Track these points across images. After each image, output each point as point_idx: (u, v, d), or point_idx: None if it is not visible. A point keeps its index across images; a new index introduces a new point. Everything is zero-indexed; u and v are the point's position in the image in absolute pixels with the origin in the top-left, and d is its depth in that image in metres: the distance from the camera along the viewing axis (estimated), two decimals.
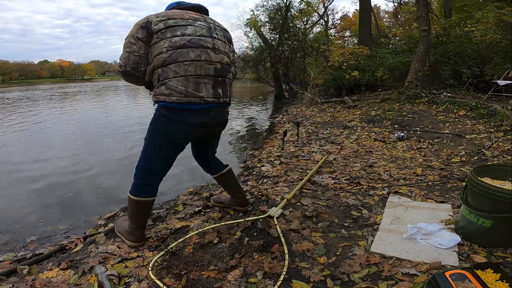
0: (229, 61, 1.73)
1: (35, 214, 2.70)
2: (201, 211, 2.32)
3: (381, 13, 25.34)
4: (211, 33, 1.63)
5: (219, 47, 1.65)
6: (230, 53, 1.76)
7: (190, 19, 1.61)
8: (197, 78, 1.54)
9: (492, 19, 8.02)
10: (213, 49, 1.61)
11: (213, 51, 1.61)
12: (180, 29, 1.53)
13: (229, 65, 1.73)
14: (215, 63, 1.62)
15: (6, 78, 55.18)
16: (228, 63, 1.71)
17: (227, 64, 1.70)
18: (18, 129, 7.00)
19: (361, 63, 9.28)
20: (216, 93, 1.62)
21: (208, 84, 1.59)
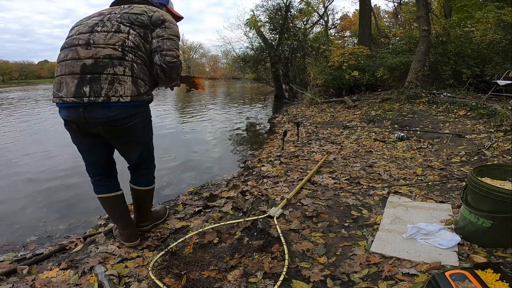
0: (116, 52, 1.47)
1: (35, 214, 2.69)
2: (201, 211, 2.32)
3: (381, 13, 25.35)
4: (94, 28, 1.51)
5: (97, 41, 1.47)
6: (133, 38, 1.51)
7: (89, 17, 1.61)
8: (60, 78, 1.49)
9: (492, 19, 8.01)
10: (85, 45, 1.48)
11: (84, 47, 1.47)
12: (68, 34, 1.58)
13: (115, 57, 1.47)
14: (84, 59, 1.46)
15: (6, 78, 55.18)
16: (110, 55, 1.46)
17: (109, 56, 1.46)
18: (22, 128, 7.00)
19: (361, 63, 9.28)
20: (79, 92, 1.43)
21: (71, 82, 1.45)
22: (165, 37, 1.56)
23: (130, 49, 1.50)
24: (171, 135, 6.16)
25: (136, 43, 1.52)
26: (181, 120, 8.18)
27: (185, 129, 6.91)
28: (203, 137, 6.01)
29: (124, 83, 1.47)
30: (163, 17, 1.58)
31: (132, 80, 1.49)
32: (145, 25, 1.55)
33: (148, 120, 1.69)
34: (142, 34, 1.54)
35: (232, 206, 2.33)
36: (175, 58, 1.57)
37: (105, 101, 1.44)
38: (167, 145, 5.14)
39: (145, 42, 1.55)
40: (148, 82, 1.59)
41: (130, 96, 1.48)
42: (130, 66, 1.49)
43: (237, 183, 2.88)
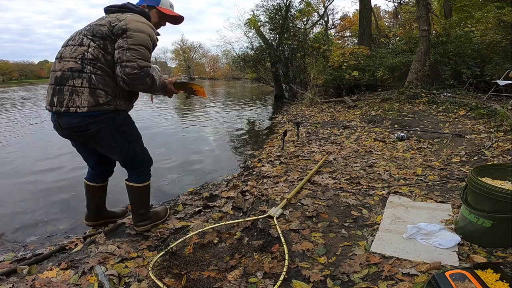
0: (76, 65, 1.57)
1: (35, 214, 2.69)
2: (201, 211, 2.32)
3: (381, 13, 25.37)
4: (68, 41, 1.66)
5: (65, 55, 1.62)
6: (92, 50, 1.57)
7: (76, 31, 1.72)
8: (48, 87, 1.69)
9: (492, 19, 8.01)
10: (59, 58, 1.64)
11: (58, 60, 1.64)
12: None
13: (76, 70, 1.57)
14: (57, 71, 1.62)
15: (6, 78, 55.18)
16: (72, 68, 1.58)
17: (70, 69, 1.58)
18: (23, 128, 7.00)
19: (361, 63, 9.28)
20: (51, 102, 1.63)
21: (49, 92, 1.65)
22: (125, 47, 1.55)
23: (89, 61, 1.57)
24: (171, 135, 6.16)
25: (95, 55, 1.58)
26: (181, 120, 8.18)
27: (185, 129, 6.91)
28: (203, 137, 6.01)
29: (82, 94, 1.57)
30: (125, 26, 1.57)
31: (89, 91, 1.57)
32: (105, 36, 1.58)
33: (117, 128, 1.72)
34: (102, 45, 1.58)
35: (232, 206, 2.33)
36: (135, 69, 1.55)
37: (66, 111, 1.59)
38: (167, 145, 5.14)
39: (105, 53, 1.59)
40: (112, 92, 1.63)
41: (87, 107, 1.58)
42: (88, 78, 1.57)
43: (237, 183, 2.88)
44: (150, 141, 5.49)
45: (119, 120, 1.71)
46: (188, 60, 61.90)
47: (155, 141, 5.49)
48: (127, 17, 1.63)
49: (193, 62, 62.32)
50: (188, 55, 62.46)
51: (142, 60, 1.58)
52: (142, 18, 1.68)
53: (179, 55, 64.27)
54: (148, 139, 5.69)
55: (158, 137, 5.95)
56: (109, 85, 1.61)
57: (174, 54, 66.17)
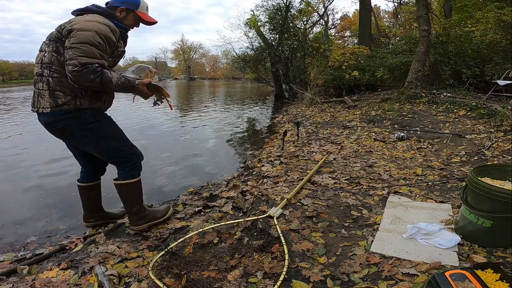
0: (39, 70, 1.69)
1: (35, 214, 2.69)
2: (201, 211, 2.32)
3: (381, 13, 25.38)
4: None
5: (36, 60, 1.74)
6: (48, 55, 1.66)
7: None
8: None
9: (492, 19, 8.01)
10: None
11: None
12: None
13: (38, 74, 1.69)
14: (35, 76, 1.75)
15: (6, 78, 55.18)
16: (37, 73, 1.71)
17: (37, 74, 1.71)
18: (25, 128, 7.00)
19: (361, 63, 9.28)
20: (32, 104, 1.77)
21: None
22: (68, 46, 1.60)
23: (46, 65, 1.68)
24: (171, 135, 6.16)
25: (49, 59, 1.67)
26: (181, 120, 8.18)
27: (185, 129, 6.91)
28: (203, 137, 6.01)
29: (44, 96, 1.69)
30: (71, 27, 1.62)
31: (49, 93, 1.68)
32: (56, 39, 1.66)
33: (84, 125, 1.75)
34: (55, 48, 1.66)
35: (232, 206, 2.33)
36: (76, 67, 1.57)
37: (37, 111, 1.73)
38: (167, 145, 5.15)
39: (58, 55, 1.66)
40: (71, 93, 1.68)
41: (49, 108, 1.68)
42: (47, 81, 1.68)
43: (237, 183, 2.88)
44: (150, 141, 5.49)
45: (84, 117, 1.74)
46: (188, 60, 61.89)
47: (155, 141, 5.50)
48: (80, 18, 1.67)
49: (193, 62, 62.31)
50: (188, 55, 62.45)
51: (83, 57, 1.58)
52: (97, 17, 1.70)
53: (179, 55, 64.26)
54: (148, 139, 5.72)
55: (158, 137, 5.95)
56: (66, 86, 1.67)
57: (174, 54, 66.17)
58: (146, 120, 8.10)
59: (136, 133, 6.38)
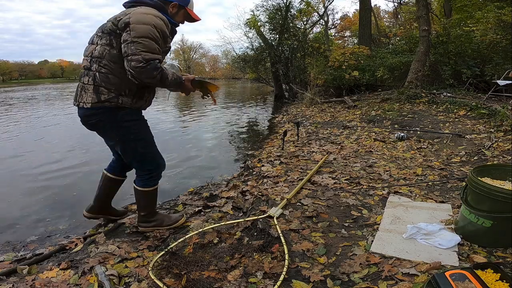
0: (87, 64, 1.67)
1: (35, 214, 2.69)
2: (201, 211, 2.32)
3: (381, 13, 25.37)
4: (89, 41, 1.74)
5: (85, 53, 1.72)
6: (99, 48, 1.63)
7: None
8: None
9: (492, 19, 8.00)
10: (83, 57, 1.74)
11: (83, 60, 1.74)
12: None
13: (86, 68, 1.67)
14: (81, 69, 1.73)
15: (6, 78, 55.19)
16: (84, 66, 1.69)
17: (85, 67, 1.69)
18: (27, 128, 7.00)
19: (361, 63, 9.28)
20: (74, 97, 1.77)
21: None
22: (129, 41, 1.54)
23: (96, 59, 1.64)
24: (171, 135, 6.16)
25: (101, 52, 1.63)
26: (181, 120, 8.18)
27: (185, 128, 6.91)
28: (203, 137, 6.01)
29: (88, 91, 1.66)
30: (128, 20, 1.56)
31: (93, 88, 1.64)
32: (110, 31, 1.62)
33: (118, 123, 1.73)
34: (108, 41, 1.62)
35: (232, 206, 2.33)
36: (141, 63, 1.53)
37: (77, 105, 1.73)
38: (167, 145, 5.14)
39: (111, 48, 1.62)
40: (115, 91, 1.65)
41: (90, 103, 1.65)
42: (93, 76, 1.65)
43: (237, 183, 2.88)
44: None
45: (121, 115, 1.71)
46: (188, 60, 61.86)
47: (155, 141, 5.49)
48: (135, 10, 1.62)
49: (193, 62, 62.28)
50: (188, 55, 62.43)
51: (147, 52, 1.55)
52: (151, 9, 1.65)
53: (179, 55, 64.22)
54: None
55: (158, 136, 5.90)
56: (112, 83, 1.64)
57: (174, 54, 66.09)
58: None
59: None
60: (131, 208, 2.55)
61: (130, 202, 2.70)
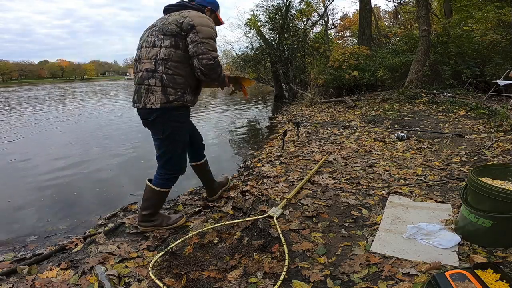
0: (150, 66, 1.74)
1: (35, 214, 2.70)
2: (201, 211, 2.32)
3: (381, 13, 25.36)
4: (143, 44, 1.83)
5: (142, 57, 1.80)
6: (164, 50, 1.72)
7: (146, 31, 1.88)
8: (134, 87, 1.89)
9: (492, 19, 8.00)
10: (138, 60, 1.84)
11: (138, 63, 1.84)
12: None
13: (150, 70, 1.74)
14: (138, 72, 1.82)
15: (6, 78, 55.20)
16: (147, 69, 1.75)
17: (146, 70, 1.76)
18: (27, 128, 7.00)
19: (361, 63, 9.27)
20: (133, 99, 1.84)
21: (133, 91, 1.86)
22: (198, 41, 1.70)
23: (162, 61, 1.72)
24: None
25: (167, 55, 1.72)
26: None
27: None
28: (203, 137, 6.00)
29: (156, 92, 1.73)
30: (192, 22, 1.70)
31: (162, 90, 1.73)
32: (175, 33, 1.72)
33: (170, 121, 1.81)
34: (173, 43, 1.72)
35: (232, 206, 2.33)
36: (211, 60, 1.72)
37: (143, 107, 1.77)
38: None
39: (177, 49, 1.73)
40: (180, 90, 1.76)
41: (160, 104, 1.73)
42: (160, 78, 1.73)
43: (237, 183, 2.88)
44: (149, 141, 5.48)
45: (175, 115, 1.82)
46: None
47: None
48: (189, 13, 1.75)
49: None
50: None
51: (213, 51, 1.74)
52: (202, 13, 1.81)
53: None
54: (147, 138, 5.70)
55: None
56: (177, 83, 1.75)
57: None
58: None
59: (136, 132, 6.38)
60: (130, 208, 2.55)
61: (130, 202, 2.71)
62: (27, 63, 63.12)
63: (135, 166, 4.13)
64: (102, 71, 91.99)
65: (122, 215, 2.42)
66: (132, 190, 3.18)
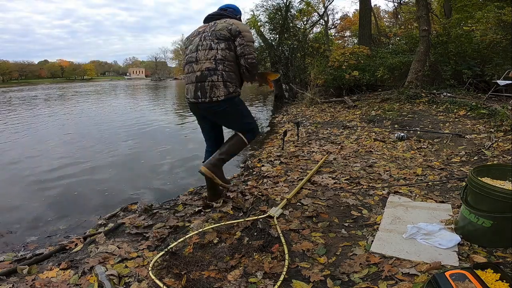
0: (211, 65, 2.04)
1: (35, 214, 2.70)
2: (201, 211, 2.32)
3: (381, 13, 25.37)
4: (198, 47, 2.11)
5: (200, 58, 2.08)
6: (221, 52, 2.04)
7: (194, 35, 2.20)
8: (187, 86, 2.19)
9: (492, 19, 8.00)
10: (195, 62, 2.10)
11: (195, 63, 2.10)
12: (186, 51, 2.22)
13: (211, 69, 2.04)
14: (196, 72, 2.09)
15: (6, 78, 55.21)
16: (208, 68, 2.04)
17: (207, 69, 2.05)
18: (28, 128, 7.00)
19: (361, 63, 9.26)
20: (196, 95, 2.10)
21: (191, 89, 2.13)
22: (244, 44, 2.07)
23: (220, 61, 2.05)
24: (171, 135, 6.16)
25: (224, 56, 2.06)
26: (181, 120, 8.18)
27: (184, 128, 6.91)
28: (203, 137, 6.00)
29: (219, 87, 2.05)
30: (238, 28, 2.07)
31: (223, 84, 2.06)
32: (227, 38, 2.07)
33: (237, 106, 2.20)
34: (227, 45, 2.06)
35: (232, 206, 2.33)
36: (254, 59, 2.11)
37: (209, 101, 2.08)
38: (166, 145, 5.15)
39: (230, 51, 2.08)
40: (235, 83, 2.12)
41: (223, 96, 2.06)
42: (221, 75, 2.05)
43: (237, 183, 2.88)
44: (150, 141, 5.50)
45: (237, 100, 2.18)
46: None
47: (155, 141, 5.50)
48: (233, 21, 2.12)
49: None
50: None
51: (255, 53, 2.13)
52: (240, 21, 2.20)
53: (179, 55, 64.23)
54: (147, 138, 5.72)
55: (158, 137, 5.95)
56: (233, 78, 2.10)
57: (174, 54, 66.20)
58: (146, 120, 8.11)
59: (136, 132, 6.38)
60: (130, 208, 2.55)
61: (130, 202, 2.71)
62: (27, 63, 63.11)
63: (136, 166, 4.13)
64: (102, 71, 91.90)
65: (122, 215, 2.42)
66: (132, 190, 3.19)
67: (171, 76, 66.36)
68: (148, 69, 77.10)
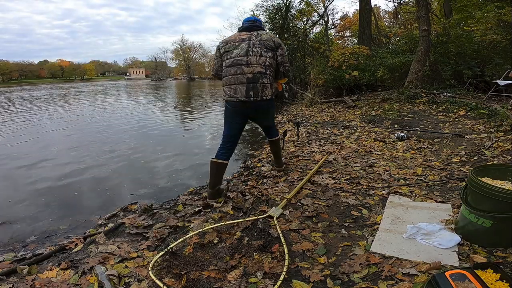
0: (262, 69, 2.38)
1: (36, 214, 2.70)
2: (201, 211, 2.32)
3: (381, 13, 25.35)
4: (248, 52, 2.39)
5: (252, 62, 2.38)
6: (268, 60, 2.41)
7: (238, 41, 2.44)
8: (235, 86, 2.40)
9: (492, 19, 7.99)
10: (246, 65, 2.37)
11: (246, 66, 2.37)
12: (229, 54, 2.44)
13: (262, 73, 2.38)
14: (247, 74, 2.37)
15: (6, 78, 55.21)
16: (260, 72, 2.37)
17: (259, 72, 2.37)
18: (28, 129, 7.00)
19: (361, 63, 9.26)
20: (248, 94, 2.38)
21: (241, 89, 2.38)
22: (284, 54, 2.52)
23: (268, 67, 2.42)
24: (172, 135, 6.16)
25: (270, 63, 2.44)
26: (181, 120, 8.18)
27: (185, 128, 6.91)
28: (203, 136, 6.01)
29: (267, 88, 2.43)
30: (279, 41, 2.49)
31: (270, 86, 2.45)
32: (273, 48, 2.45)
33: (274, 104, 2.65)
34: (272, 55, 2.44)
35: (232, 206, 2.33)
36: (289, 67, 2.59)
37: (261, 100, 2.41)
38: (167, 145, 5.15)
39: (273, 59, 2.46)
40: (273, 86, 2.53)
41: (270, 95, 2.46)
42: (269, 78, 2.43)
43: (237, 183, 2.88)
44: (150, 141, 5.50)
45: (273, 100, 2.58)
46: (188, 60, 61.87)
47: (155, 141, 5.50)
48: (272, 35, 2.52)
49: (193, 62, 62.27)
50: (188, 55, 62.44)
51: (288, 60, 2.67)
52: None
53: (179, 55, 64.26)
54: (147, 138, 5.72)
55: (158, 136, 5.95)
56: (272, 82, 2.50)
57: (174, 54, 66.23)
58: (146, 120, 8.11)
59: (136, 133, 6.38)
60: (130, 208, 2.55)
61: (130, 202, 2.71)
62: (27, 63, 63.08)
63: (136, 166, 4.13)
64: (102, 71, 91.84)
65: (122, 215, 2.43)
66: (132, 190, 3.19)
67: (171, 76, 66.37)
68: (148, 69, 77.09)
